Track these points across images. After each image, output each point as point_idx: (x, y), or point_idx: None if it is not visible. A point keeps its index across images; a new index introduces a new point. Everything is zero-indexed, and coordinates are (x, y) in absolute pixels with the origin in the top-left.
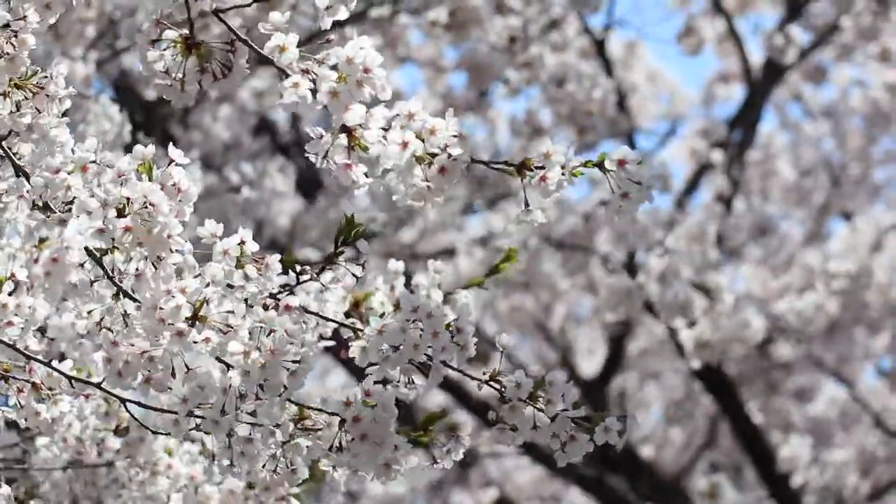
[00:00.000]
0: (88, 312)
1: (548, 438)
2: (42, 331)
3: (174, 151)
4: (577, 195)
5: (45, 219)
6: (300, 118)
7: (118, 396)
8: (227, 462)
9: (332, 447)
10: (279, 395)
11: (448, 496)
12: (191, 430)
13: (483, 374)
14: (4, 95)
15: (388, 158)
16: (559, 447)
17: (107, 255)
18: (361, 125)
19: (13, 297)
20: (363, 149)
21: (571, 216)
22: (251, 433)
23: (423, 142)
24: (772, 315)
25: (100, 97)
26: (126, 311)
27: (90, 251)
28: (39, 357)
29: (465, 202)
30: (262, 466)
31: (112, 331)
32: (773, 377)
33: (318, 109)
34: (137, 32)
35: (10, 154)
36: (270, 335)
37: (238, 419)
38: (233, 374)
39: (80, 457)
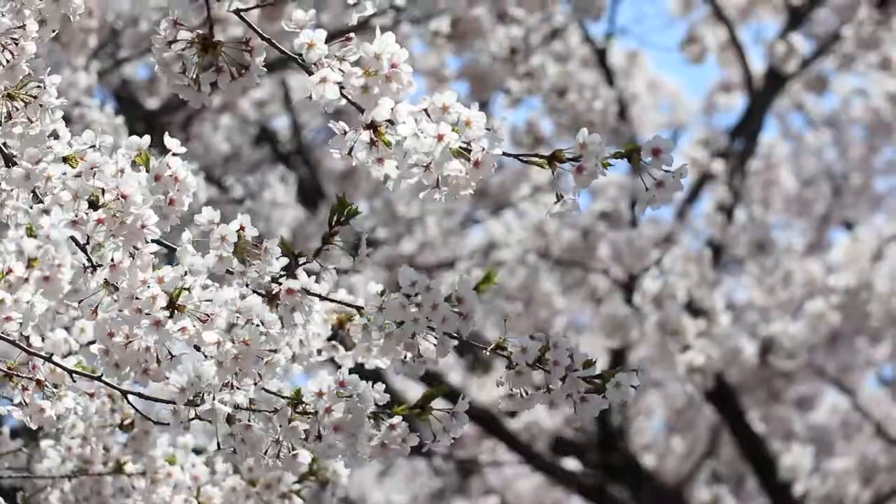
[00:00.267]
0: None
1: (561, 400)
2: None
3: (170, 141)
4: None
5: (28, 209)
6: (301, 127)
7: (119, 388)
8: (231, 450)
9: (309, 437)
10: (254, 385)
11: None
12: (190, 420)
13: (489, 345)
14: None
15: (420, 151)
16: (573, 408)
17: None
18: (390, 120)
19: (10, 293)
20: (387, 144)
21: (570, 231)
22: (250, 419)
23: (459, 134)
24: (765, 338)
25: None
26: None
27: (77, 242)
28: (42, 353)
29: (466, 213)
30: (265, 453)
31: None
32: (775, 386)
33: (320, 117)
34: (153, 33)
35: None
36: (246, 325)
37: (236, 406)
38: (207, 364)
39: (86, 466)
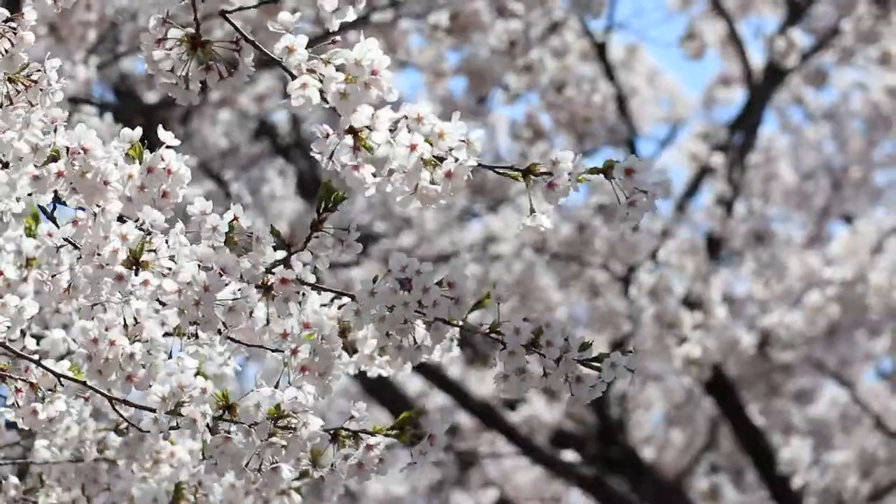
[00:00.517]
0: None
1: (557, 384)
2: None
3: (164, 134)
4: (572, 201)
5: None
6: (301, 120)
7: (105, 394)
8: (213, 462)
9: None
10: (219, 333)
11: (448, 497)
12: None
13: (483, 327)
14: None
15: (395, 160)
16: (570, 391)
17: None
18: (368, 126)
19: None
20: (368, 150)
21: (567, 225)
22: (230, 431)
23: (431, 145)
24: (762, 329)
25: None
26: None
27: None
28: (33, 357)
29: (464, 207)
30: (246, 465)
31: (91, 329)
32: (774, 379)
33: (322, 111)
34: (143, 31)
35: None
36: (204, 272)
37: (216, 417)
38: (169, 313)
39: (81, 454)
